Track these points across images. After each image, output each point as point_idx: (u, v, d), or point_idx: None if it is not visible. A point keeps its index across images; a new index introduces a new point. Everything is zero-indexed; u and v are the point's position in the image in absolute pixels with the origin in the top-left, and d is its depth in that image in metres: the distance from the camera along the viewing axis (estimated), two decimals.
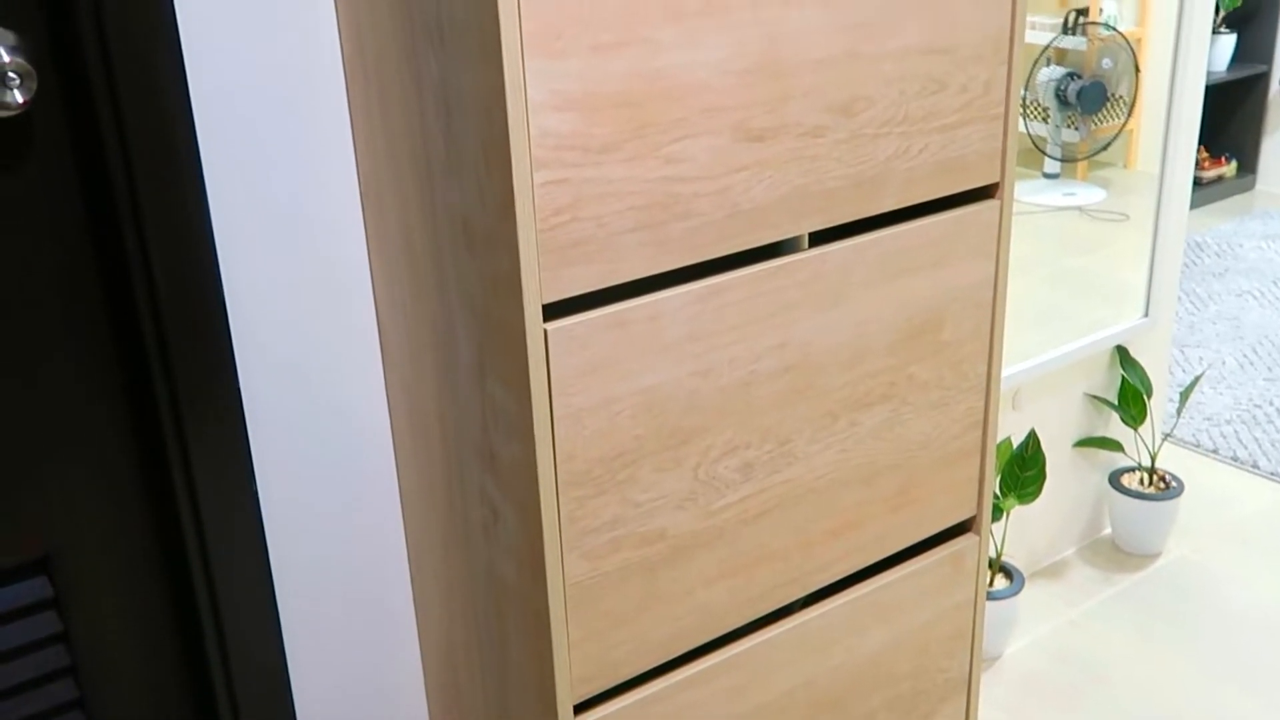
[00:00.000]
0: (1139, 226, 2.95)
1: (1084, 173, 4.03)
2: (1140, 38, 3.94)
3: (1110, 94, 3.78)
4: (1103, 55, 3.77)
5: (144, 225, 1.21)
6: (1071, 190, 3.82)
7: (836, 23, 1.25)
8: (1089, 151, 3.87)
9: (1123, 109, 3.81)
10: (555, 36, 1.07)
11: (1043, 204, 3.78)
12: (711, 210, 1.23)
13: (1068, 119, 3.78)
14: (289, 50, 1.27)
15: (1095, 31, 3.81)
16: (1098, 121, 3.76)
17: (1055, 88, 3.79)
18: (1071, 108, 3.78)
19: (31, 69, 1.14)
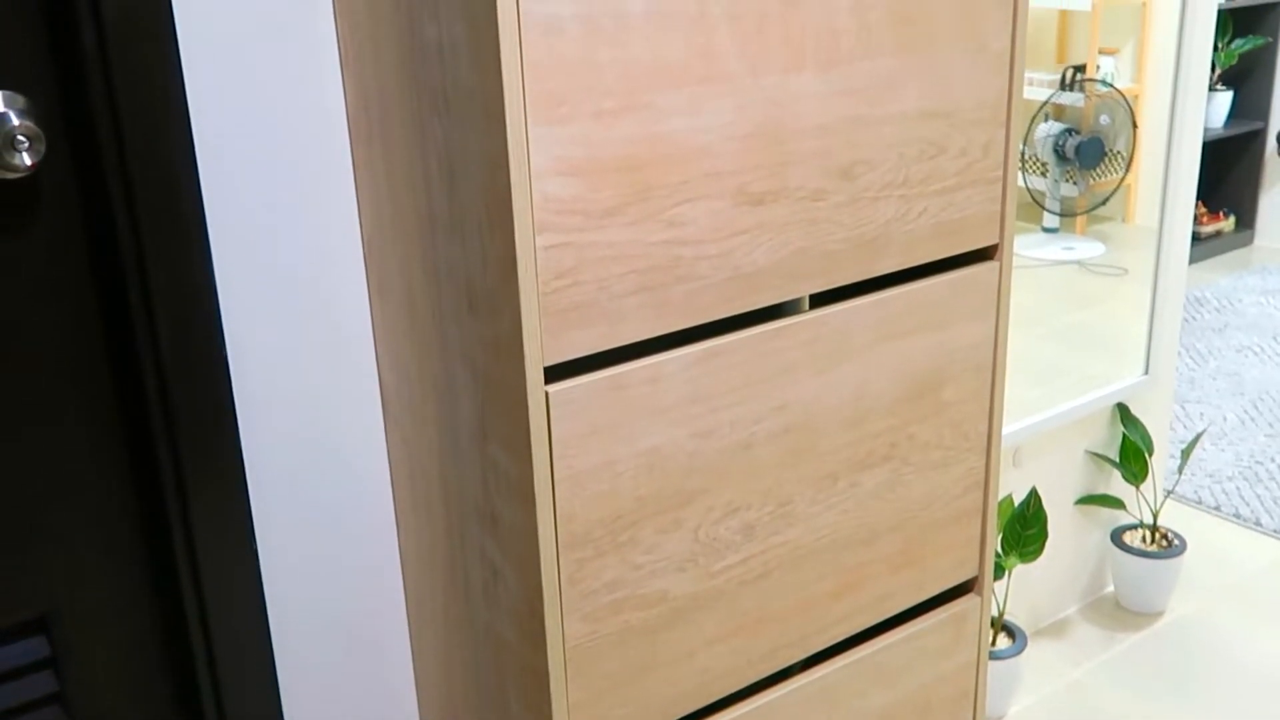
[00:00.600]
0: (1138, 280, 2.96)
1: (1083, 227, 4.05)
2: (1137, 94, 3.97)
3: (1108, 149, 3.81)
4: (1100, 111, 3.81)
5: (149, 286, 1.22)
6: (1070, 244, 3.84)
7: (836, 88, 1.27)
8: (1088, 206, 3.89)
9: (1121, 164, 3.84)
10: (559, 103, 1.09)
11: (1042, 258, 3.79)
12: (713, 273, 1.23)
13: (1066, 174, 3.81)
14: (295, 113, 1.29)
15: (1093, 88, 3.85)
16: (1096, 176, 3.79)
17: (1054, 143, 3.82)
18: (1070, 163, 3.82)
19: (40, 132, 1.16)
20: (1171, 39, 2.63)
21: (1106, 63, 3.97)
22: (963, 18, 1.34)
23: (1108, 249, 3.85)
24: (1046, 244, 3.87)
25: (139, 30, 1.16)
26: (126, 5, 1.15)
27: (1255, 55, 4.58)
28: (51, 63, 1.17)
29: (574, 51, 1.08)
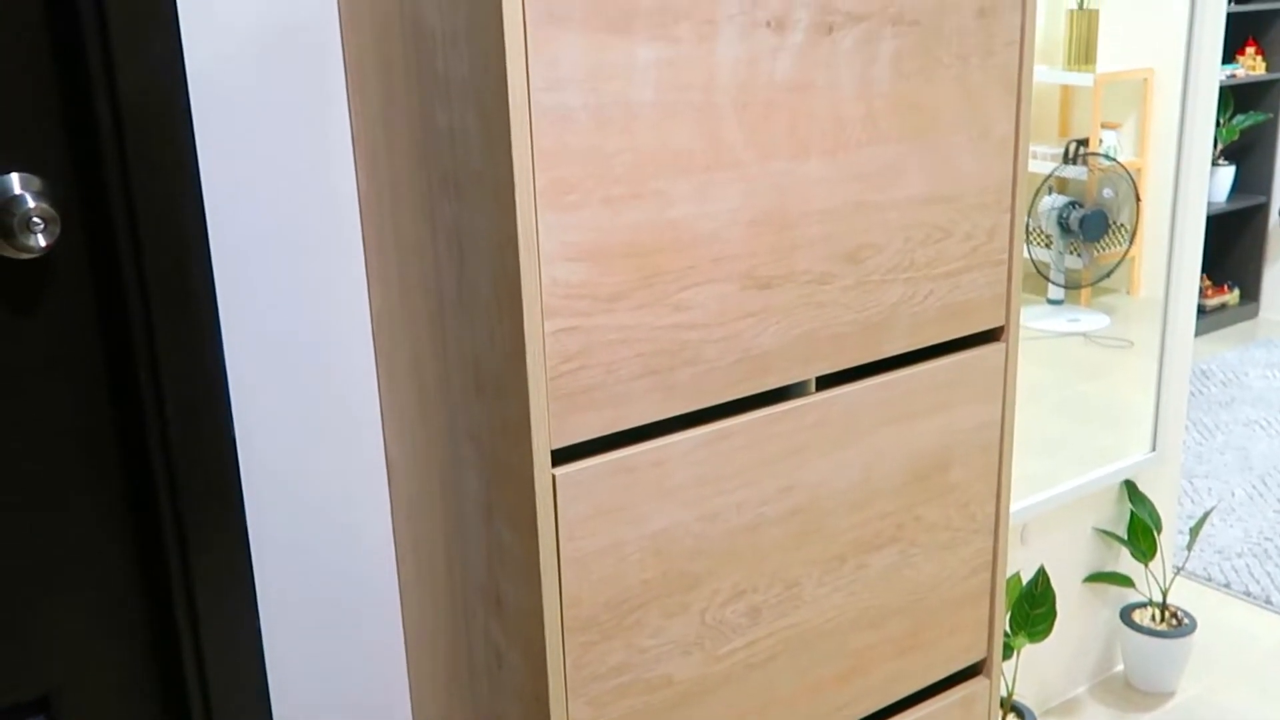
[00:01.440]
0: (1144, 352, 2.96)
1: (1087, 299, 4.06)
2: (1140, 168, 4.01)
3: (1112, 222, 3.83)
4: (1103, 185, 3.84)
5: (159, 365, 1.22)
6: (1075, 316, 3.85)
7: (843, 174, 1.28)
8: (1092, 278, 3.91)
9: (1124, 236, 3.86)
10: (568, 190, 1.10)
11: (1047, 330, 3.80)
12: (719, 356, 1.24)
13: (1070, 246, 3.83)
14: (307, 194, 1.30)
15: (1096, 162, 3.88)
16: (1100, 249, 3.81)
17: (1058, 216, 3.85)
18: (1074, 235, 3.84)
19: (56, 214, 1.17)
20: (1173, 113, 2.66)
21: (1109, 137, 4.01)
22: (967, 104, 1.36)
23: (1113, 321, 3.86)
24: (1051, 316, 3.88)
25: (154, 112, 1.18)
26: (142, 87, 1.17)
27: (1257, 131, 4.62)
28: (67, 144, 1.19)
29: (583, 140, 1.10)
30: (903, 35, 1.28)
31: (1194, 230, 2.58)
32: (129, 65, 1.15)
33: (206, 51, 1.22)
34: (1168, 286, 2.64)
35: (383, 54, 1.22)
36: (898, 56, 1.29)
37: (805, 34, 1.21)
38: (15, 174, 1.17)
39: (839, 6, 1.23)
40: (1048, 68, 3.91)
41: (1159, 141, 4.06)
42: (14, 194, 1.17)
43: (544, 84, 1.07)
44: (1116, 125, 4.04)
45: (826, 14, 1.22)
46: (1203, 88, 2.47)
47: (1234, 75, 4.45)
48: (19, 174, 1.17)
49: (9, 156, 1.16)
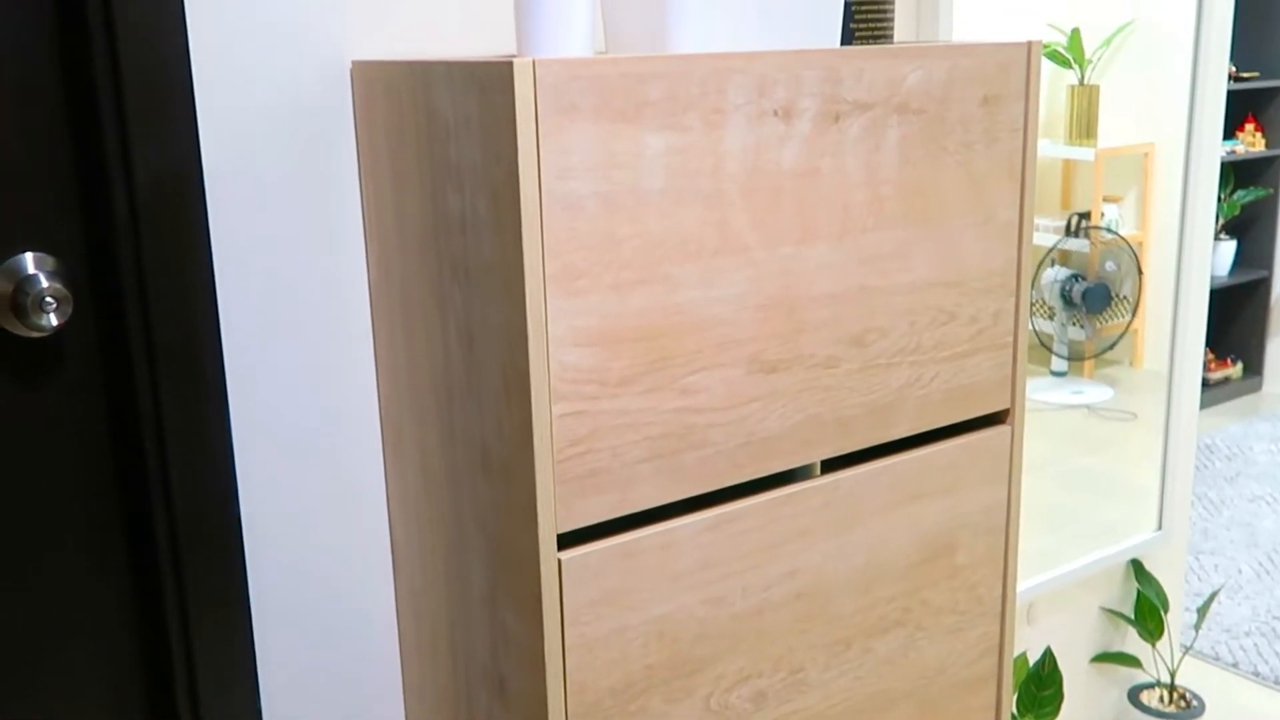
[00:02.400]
0: (1148, 425, 2.96)
1: (1091, 371, 4.06)
2: (1142, 241, 4.03)
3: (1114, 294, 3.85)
4: (1106, 258, 3.86)
5: (166, 446, 1.22)
6: (1079, 388, 3.85)
7: (849, 259, 1.29)
8: (1095, 350, 3.91)
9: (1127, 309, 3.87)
10: (577, 276, 1.11)
11: (1051, 402, 3.80)
12: (725, 440, 1.24)
13: (1073, 318, 3.84)
14: (318, 275, 1.32)
15: (1098, 235, 3.91)
16: (1103, 321, 3.82)
17: (1060, 288, 3.86)
18: (1077, 308, 3.85)
19: (69, 294, 1.18)
20: (1174, 187, 2.68)
21: (1110, 210, 4.04)
22: (971, 190, 1.38)
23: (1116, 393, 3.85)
24: (1055, 388, 3.88)
25: (169, 197, 1.19)
26: (158, 172, 1.19)
27: (1258, 206, 4.65)
28: (83, 225, 1.20)
29: (593, 227, 1.11)
30: (908, 123, 1.30)
31: (1198, 303, 2.58)
32: (146, 150, 1.17)
33: (221, 135, 1.24)
34: (1172, 360, 2.65)
35: (395, 141, 1.24)
36: (903, 144, 1.30)
37: (812, 122, 1.23)
38: (30, 254, 1.18)
39: (845, 95, 1.25)
40: (1049, 141, 3.95)
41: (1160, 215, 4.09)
42: (28, 274, 1.18)
43: (555, 172, 1.08)
44: (1118, 199, 4.07)
45: (833, 103, 1.24)
46: (1204, 162, 2.50)
47: (1234, 151, 4.49)
48: (34, 254, 1.19)
49: (25, 236, 1.18)
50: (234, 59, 1.23)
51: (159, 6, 1.16)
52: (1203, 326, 2.67)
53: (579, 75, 1.07)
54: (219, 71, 1.22)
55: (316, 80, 1.28)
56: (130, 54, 1.16)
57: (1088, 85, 4.01)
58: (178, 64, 1.18)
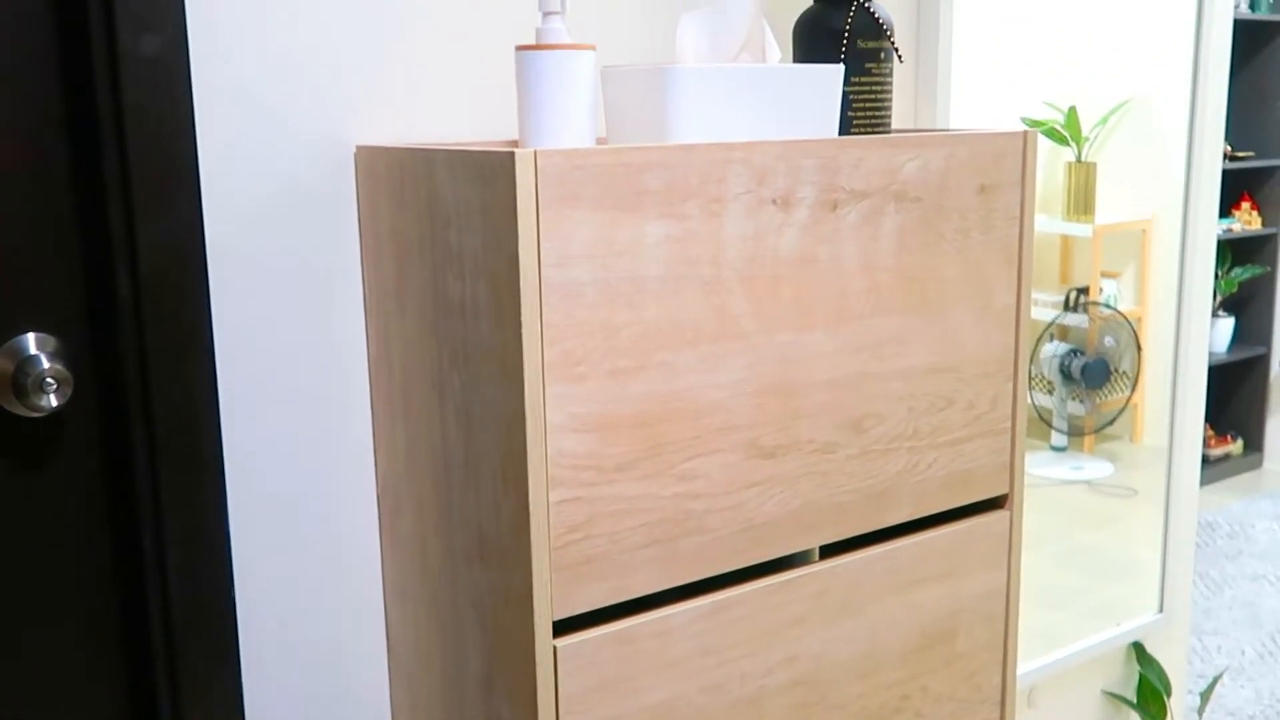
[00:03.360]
0: (1148, 501, 2.94)
1: (1091, 446, 4.06)
2: (1140, 316, 4.05)
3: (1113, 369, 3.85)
4: (1104, 333, 3.87)
5: (163, 526, 1.22)
6: (1079, 464, 3.84)
7: (846, 345, 1.30)
8: (1095, 425, 3.91)
9: (1126, 384, 3.88)
10: (575, 362, 1.12)
11: (1051, 477, 3.79)
12: (723, 526, 1.24)
13: (1073, 393, 3.84)
14: (317, 356, 1.32)
15: (1096, 311, 3.92)
16: (1102, 396, 3.82)
17: (1059, 363, 3.87)
18: (1076, 383, 3.85)
19: (69, 375, 1.19)
20: (1172, 263, 2.69)
21: (1109, 285, 4.06)
22: (969, 277, 1.39)
23: (1116, 469, 3.84)
24: (1055, 463, 3.87)
25: (172, 278, 1.20)
26: (162, 254, 1.19)
27: (1255, 283, 4.68)
28: (85, 306, 1.21)
29: (592, 314, 1.12)
30: (905, 211, 1.32)
31: (1196, 379, 2.58)
32: (151, 232, 1.18)
33: (226, 217, 1.25)
34: (1171, 436, 2.64)
35: (397, 225, 1.25)
36: (901, 231, 1.32)
37: (810, 211, 1.24)
38: (32, 334, 1.19)
39: (843, 184, 1.26)
40: (1047, 217, 3.99)
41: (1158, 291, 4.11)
42: (29, 354, 1.18)
43: (555, 260, 1.09)
44: (1116, 274, 4.10)
45: (831, 191, 1.25)
46: (1201, 239, 2.51)
47: (1231, 229, 4.53)
48: (35, 334, 1.19)
49: (27, 316, 1.19)
50: (240, 142, 1.24)
51: (167, 90, 1.17)
52: (1202, 402, 2.67)
53: (580, 165, 1.09)
54: (225, 154, 1.24)
55: (321, 164, 1.29)
56: (138, 137, 1.17)
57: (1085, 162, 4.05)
58: (185, 147, 1.19)
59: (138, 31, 1.14)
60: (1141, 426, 4.08)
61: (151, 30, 1.15)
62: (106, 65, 1.15)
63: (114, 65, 1.15)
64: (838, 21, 1.39)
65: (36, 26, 1.15)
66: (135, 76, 1.15)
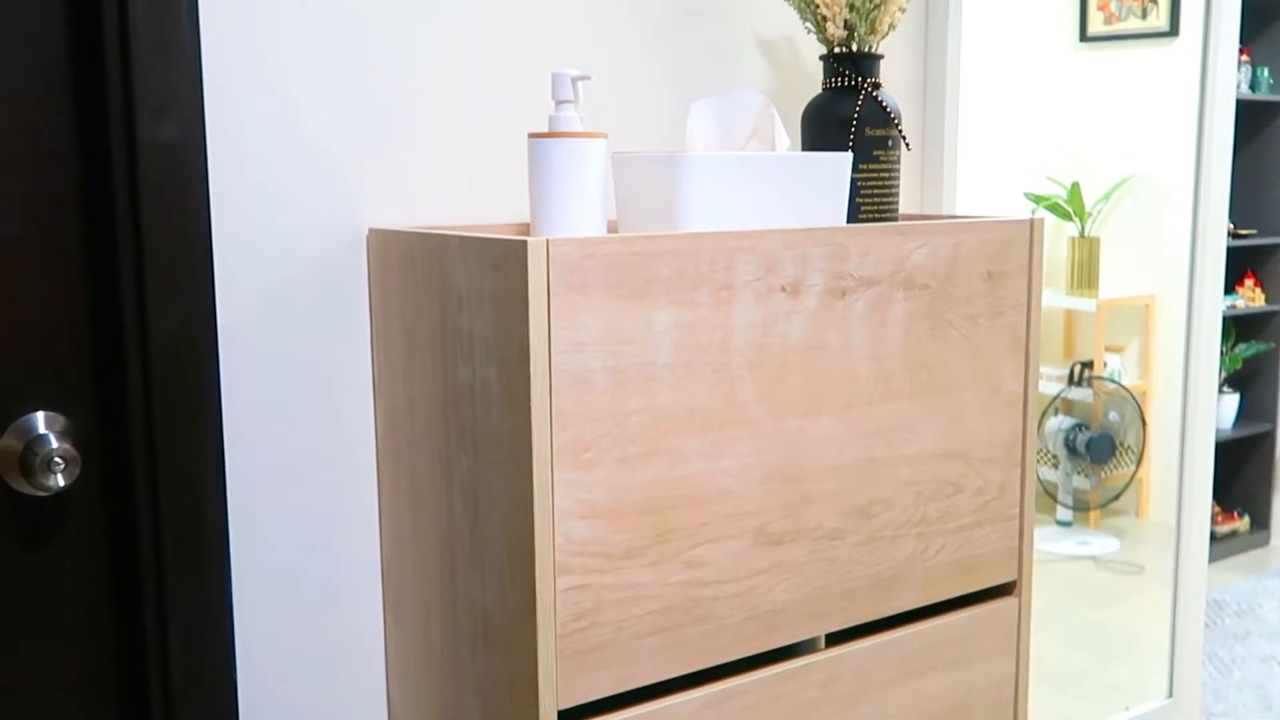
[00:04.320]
0: (1155, 578, 2.92)
1: (1096, 521, 4.03)
2: (1144, 391, 4.04)
3: (1118, 444, 3.84)
4: (1109, 408, 3.86)
5: (166, 608, 1.21)
6: (1085, 539, 3.81)
7: (854, 431, 1.30)
8: (1101, 500, 3.89)
9: (1132, 458, 3.86)
10: (584, 449, 1.11)
11: (1057, 553, 3.76)
12: (730, 613, 1.23)
13: (1078, 467, 3.83)
14: (324, 435, 1.32)
15: (1101, 385, 3.92)
16: (1108, 470, 3.81)
17: (1064, 437, 3.86)
18: (1081, 457, 3.84)
19: (77, 455, 1.18)
20: (1175, 338, 2.69)
21: (1113, 360, 4.07)
22: (976, 362, 1.39)
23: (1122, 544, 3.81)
24: (1061, 538, 3.85)
25: (183, 361, 1.21)
26: (173, 336, 1.20)
27: (1260, 359, 4.68)
28: (95, 385, 1.21)
29: (602, 401, 1.12)
30: (914, 298, 1.32)
31: (1204, 456, 2.56)
32: (162, 313, 1.19)
33: (238, 298, 1.26)
34: (1180, 514, 2.61)
35: (408, 308, 1.26)
36: (909, 318, 1.32)
37: (819, 298, 1.25)
38: (41, 413, 1.19)
39: (852, 271, 1.27)
40: (1051, 291, 4.01)
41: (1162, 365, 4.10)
42: (38, 433, 1.18)
43: (565, 347, 1.09)
44: (1120, 348, 4.10)
45: (840, 279, 1.26)
46: (1207, 315, 2.51)
47: (1234, 306, 4.54)
48: (44, 413, 1.19)
49: (37, 394, 1.19)
50: (254, 225, 1.26)
51: (184, 176, 1.19)
52: (1210, 480, 2.65)
53: (591, 253, 1.10)
54: (238, 237, 1.25)
55: (333, 246, 1.30)
56: (153, 220, 1.18)
57: (1088, 237, 4.07)
58: (199, 231, 1.20)
59: (157, 118, 1.16)
60: (1147, 501, 4.06)
61: (170, 118, 1.17)
62: (124, 150, 1.16)
63: (132, 151, 1.16)
64: (846, 109, 1.41)
65: (57, 109, 1.16)
66: (152, 162, 1.17)
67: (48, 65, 1.15)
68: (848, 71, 1.42)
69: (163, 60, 1.17)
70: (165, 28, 1.17)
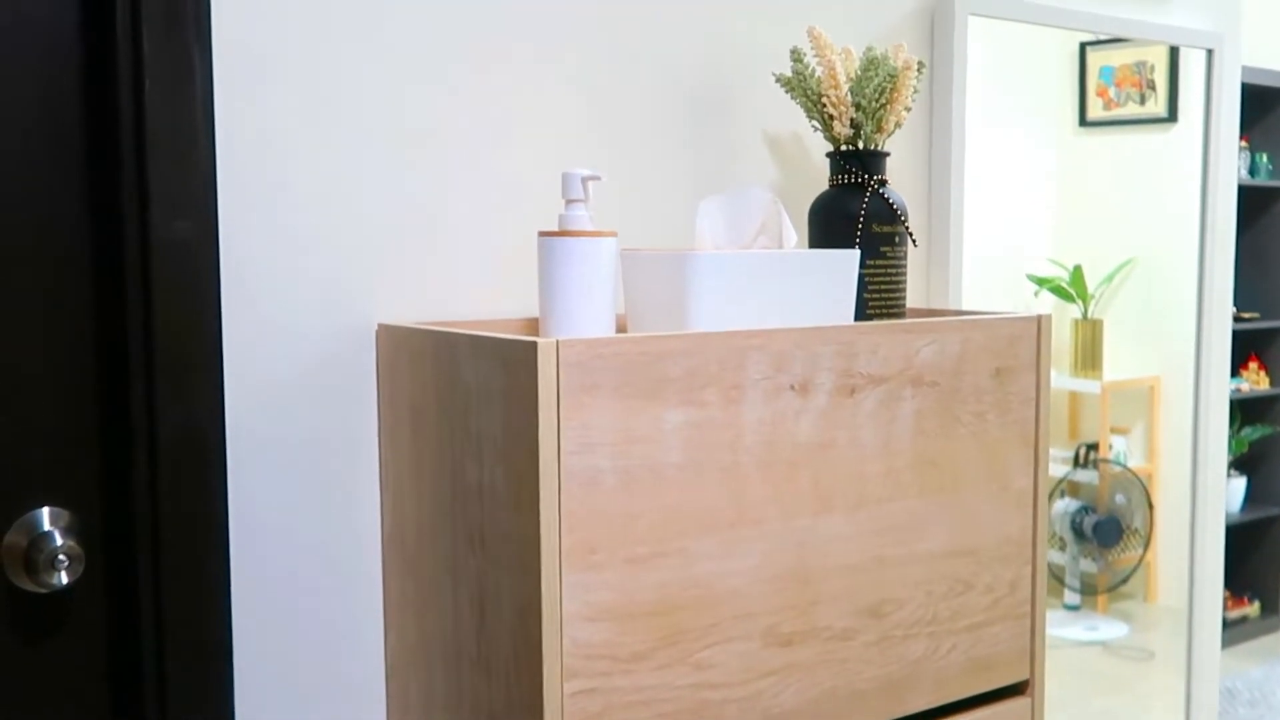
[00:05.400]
0: (1166, 665, 2.88)
1: (1105, 605, 3.98)
2: (1151, 473, 4.02)
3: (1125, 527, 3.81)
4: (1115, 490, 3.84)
5: (168, 711, 1.19)
6: (1093, 624, 3.77)
7: (864, 530, 1.29)
8: (1109, 584, 3.84)
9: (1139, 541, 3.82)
10: (592, 550, 1.11)
11: (1065, 638, 3.71)
12: (740, 716, 1.21)
13: (1085, 550, 3.79)
14: (329, 532, 1.31)
15: (1107, 468, 3.90)
16: (1115, 554, 3.77)
17: (1071, 520, 3.83)
18: (1088, 540, 3.81)
19: (81, 553, 1.18)
20: (1180, 420, 2.67)
21: (1118, 442, 4.05)
22: (986, 460, 1.38)
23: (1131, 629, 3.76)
24: (1069, 623, 3.80)
25: (190, 459, 1.20)
26: (182, 433, 1.20)
27: (1266, 443, 4.67)
28: (101, 482, 1.21)
29: (611, 502, 1.11)
30: (922, 395, 1.32)
31: (1214, 539, 2.54)
32: (171, 411, 1.19)
33: (246, 394, 1.25)
34: (1191, 600, 2.58)
35: (417, 405, 1.25)
36: (918, 415, 1.32)
37: (828, 396, 1.25)
38: (46, 508, 1.19)
39: (861, 369, 1.27)
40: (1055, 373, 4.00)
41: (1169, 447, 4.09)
42: (43, 530, 1.18)
43: (575, 447, 1.09)
44: (1125, 430, 4.09)
45: (849, 377, 1.26)
46: (1214, 396, 2.50)
47: (1239, 389, 4.54)
48: (50, 509, 1.19)
49: (43, 490, 1.18)
50: (264, 321, 1.26)
51: (196, 274, 1.19)
52: (1220, 563, 2.63)
53: (601, 354, 1.10)
54: (248, 333, 1.25)
55: (342, 342, 1.30)
56: (164, 317, 1.19)
57: (1091, 319, 4.09)
58: (209, 329, 1.21)
59: (171, 216, 1.17)
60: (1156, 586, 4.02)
61: (184, 216, 1.18)
62: (138, 247, 1.17)
63: (145, 248, 1.17)
64: (853, 206, 1.42)
65: (71, 205, 1.17)
66: (165, 259, 1.18)
67: (65, 165, 1.17)
68: (854, 168, 1.44)
69: (177, 158, 1.18)
70: (180, 126, 1.18)
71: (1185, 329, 2.46)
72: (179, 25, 1.17)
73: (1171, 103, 3.94)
